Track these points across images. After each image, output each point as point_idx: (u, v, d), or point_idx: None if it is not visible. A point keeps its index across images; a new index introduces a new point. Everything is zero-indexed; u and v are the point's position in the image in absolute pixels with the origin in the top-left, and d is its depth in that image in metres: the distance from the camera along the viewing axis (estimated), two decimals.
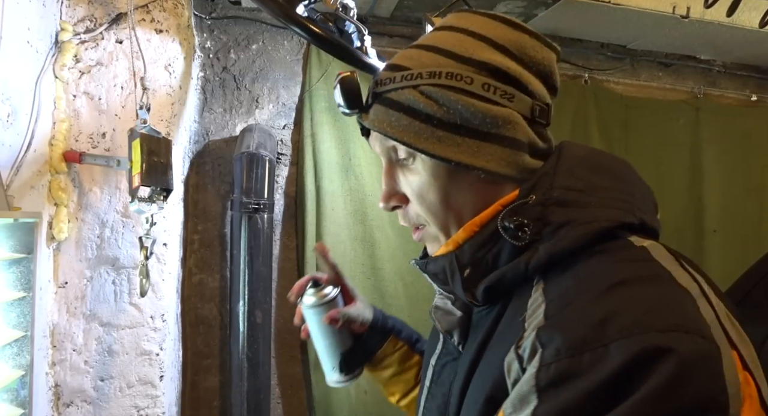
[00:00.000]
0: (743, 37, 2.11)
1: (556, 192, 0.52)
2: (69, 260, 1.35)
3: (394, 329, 0.86)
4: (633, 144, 2.32)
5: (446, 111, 0.54)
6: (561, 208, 0.51)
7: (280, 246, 1.95)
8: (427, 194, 0.58)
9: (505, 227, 0.52)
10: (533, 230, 0.51)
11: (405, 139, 0.56)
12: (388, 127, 0.57)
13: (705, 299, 0.43)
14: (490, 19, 0.59)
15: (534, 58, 0.57)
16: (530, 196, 0.53)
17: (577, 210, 0.51)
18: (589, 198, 0.52)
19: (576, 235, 0.49)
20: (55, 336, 1.33)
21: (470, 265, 0.55)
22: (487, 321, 0.56)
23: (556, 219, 0.51)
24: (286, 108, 1.98)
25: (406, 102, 0.56)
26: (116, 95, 1.38)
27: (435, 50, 0.57)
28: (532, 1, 1.88)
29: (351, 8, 1.30)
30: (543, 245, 0.50)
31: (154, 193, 1.23)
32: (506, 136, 0.55)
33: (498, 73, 0.55)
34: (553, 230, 0.51)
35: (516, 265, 0.52)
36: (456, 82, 0.55)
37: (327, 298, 0.80)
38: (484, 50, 0.56)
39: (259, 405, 1.70)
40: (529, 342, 0.44)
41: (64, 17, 1.34)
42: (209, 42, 1.90)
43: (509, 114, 0.55)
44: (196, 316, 1.85)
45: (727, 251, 2.34)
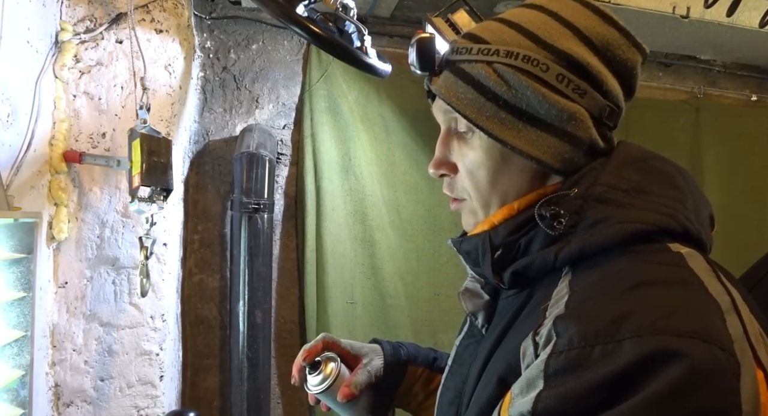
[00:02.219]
0: (743, 37, 2.11)
1: (598, 188, 0.52)
2: (69, 260, 1.35)
3: (409, 358, 0.82)
4: None
5: (514, 94, 0.54)
6: (601, 204, 0.51)
7: (280, 246, 1.95)
8: (477, 170, 0.58)
9: (542, 216, 0.52)
10: (569, 222, 0.51)
11: (468, 113, 0.55)
12: (455, 98, 0.56)
13: (735, 313, 0.42)
14: (583, 7, 0.57)
15: (618, 57, 0.56)
16: (573, 189, 0.53)
17: (617, 209, 0.50)
18: (633, 199, 0.51)
19: (610, 232, 0.49)
20: (55, 336, 1.33)
21: (502, 247, 0.55)
22: (512, 306, 0.56)
23: (593, 215, 0.50)
24: (286, 108, 1.98)
25: (477, 77, 0.55)
26: (116, 95, 1.38)
27: (518, 28, 0.56)
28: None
29: (351, 8, 1.30)
30: (576, 238, 0.50)
31: (154, 193, 1.23)
32: (568, 131, 0.54)
33: (576, 66, 0.54)
34: (588, 225, 0.50)
35: (546, 254, 0.51)
36: (531, 66, 0.53)
37: (331, 378, 0.75)
38: (568, 39, 0.54)
39: (259, 405, 1.70)
40: (546, 330, 0.44)
41: (64, 17, 1.34)
42: (209, 42, 1.90)
43: (577, 110, 0.54)
44: (196, 316, 1.85)
45: (727, 251, 2.32)
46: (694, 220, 0.52)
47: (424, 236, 2.03)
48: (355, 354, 0.80)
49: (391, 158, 2.01)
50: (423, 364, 0.82)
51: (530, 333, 0.46)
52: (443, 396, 0.64)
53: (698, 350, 0.37)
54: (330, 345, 0.80)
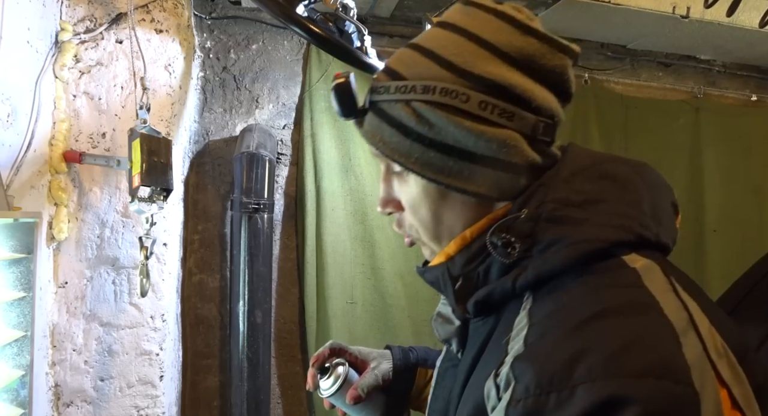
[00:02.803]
0: (743, 37, 2.11)
1: (549, 206, 0.50)
2: (69, 260, 1.35)
3: (419, 360, 0.83)
4: (633, 144, 2.32)
5: (438, 132, 0.52)
6: (553, 224, 0.49)
7: (280, 246, 1.95)
8: (419, 208, 0.57)
9: (494, 244, 0.51)
10: (522, 248, 0.49)
11: (395, 158, 0.54)
12: (381, 142, 0.55)
13: (694, 331, 0.42)
14: (498, 20, 0.53)
15: (544, 67, 0.52)
16: (523, 210, 0.51)
17: (570, 228, 0.48)
18: (586, 213, 0.49)
19: (564, 255, 0.47)
20: (55, 336, 1.33)
21: (461, 277, 0.54)
22: (482, 332, 0.55)
23: (546, 237, 0.49)
24: (286, 108, 1.98)
25: (398, 118, 0.53)
26: (116, 95, 1.38)
27: (432, 57, 0.53)
28: (532, 1, 1.88)
29: (351, 8, 1.30)
30: (531, 263, 0.49)
31: (154, 193, 1.23)
32: (502, 160, 0.51)
33: (498, 90, 0.51)
34: (542, 249, 0.49)
35: (504, 282, 0.50)
36: (451, 99, 0.51)
37: (339, 381, 0.79)
38: (485, 61, 0.51)
39: (259, 405, 1.70)
40: (505, 372, 0.44)
41: (64, 17, 1.34)
42: (209, 42, 1.90)
43: (507, 136, 0.51)
44: (196, 316, 1.85)
45: (727, 251, 2.33)
46: (651, 223, 0.50)
47: None
48: (363, 359, 0.82)
49: None
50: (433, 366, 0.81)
51: (493, 371, 0.46)
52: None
53: (651, 390, 0.36)
54: (338, 351, 0.82)
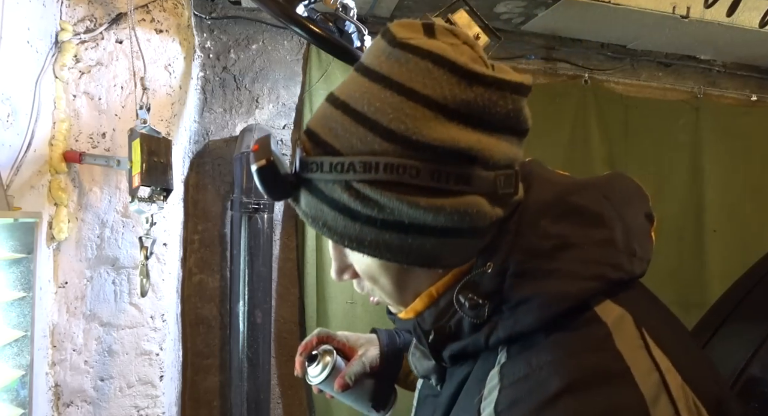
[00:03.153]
0: (743, 37, 2.11)
1: (516, 258, 0.46)
2: (69, 260, 1.35)
3: (406, 344, 0.82)
4: (633, 144, 2.32)
5: (390, 213, 0.45)
6: (521, 279, 0.46)
7: (280, 246, 1.95)
8: (378, 278, 0.52)
9: (461, 303, 0.48)
10: (491, 306, 0.47)
11: (347, 244, 0.48)
12: (325, 227, 0.48)
13: (666, 394, 0.41)
14: (435, 67, 0.44)
15: (497, 115, 0.46)
16: (488, 263, 0.47)
17: (540, 283, 0.45)
18: (556, 263, 0.46)
19: (536, 317, 0.45)
20: (55, 336, 1.33)
21: (433, 332, 0.51)
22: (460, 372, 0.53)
23: (516, 295, 0.46)
24: (286, 108, 1.98)
25: (340, 201, 0.46)
26: (116, 95, 1.38)
27: (368, 124, 0.45)
28: (532, 1, 1.88)
29: (351, 8, 1.30)
30: (502, 321, 0.47)
31: (154, 193, 1.23)
32: (465, 228, 0.46)
33: (451, 155, 0.44)
34: (512, 306, 0.46)
35: (476, 338, 0.48)
36: (398, 176, 0.43)
37: (327, 369, 0.80)
38: (430, 124, 0.44)
39: (259, 405, 1.70)
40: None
41: (64, 17, 1.34)
42: (209, 42, 1.90)
43: (467, 204, 0.45)
44: (196, 316, 1.85)
45: (727, 251, 2.33)
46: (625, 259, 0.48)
47: None
48: (351, 345, 0.83)
49: None
50: None
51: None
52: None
53: None
54: (326, 338, 0.83)
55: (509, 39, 2.10)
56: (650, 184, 2.44)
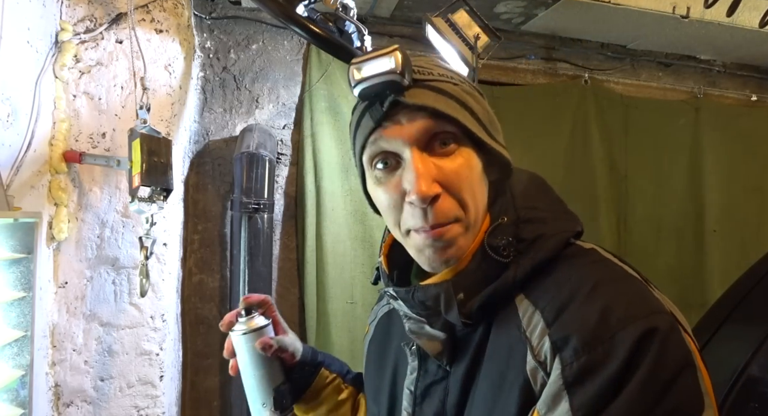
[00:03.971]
0: (743, 37, 2.11)
1: (521, 212, 0.60)
2: (69, 260, 1.35)
3: (324, 362, 0.84)
4: (633, 144, 2.32)
5: (480, 110, 0.60)
6: (529, 225, 0.59)
7: (280, 246, 1.95)
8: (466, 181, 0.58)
9: (493, 246, 0.57)
10: (513, 246, 0.57)
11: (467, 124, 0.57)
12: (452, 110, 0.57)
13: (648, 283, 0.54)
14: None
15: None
16: (501, 218, 0.59)
17: (542, 225, 0.58)
18: (546, 213, 0.60)
19: (549, 247, 0.56)
20: (55, 336, 1.33)
21: (463, 289, 0.57)
22: (473, 338, 0.58)
23: (528, 235, 0.58)
24: (286, 108, 1.98)
25: (454, 93, 0.58)
26: (116, 95, 1.38)
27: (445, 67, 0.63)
28: (532, 1, 1.88)
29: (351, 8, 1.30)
30: (524, 258, 0.56)
31: (154, 193, 1.23)
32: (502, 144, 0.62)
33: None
34: (528, 245, 0.57)
35: (504, 279, 0.56)
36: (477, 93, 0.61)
37: (259, 325, 0.76)
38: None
39: None
40: (547, 348, 0.50)
41: (64, 17, 1.34)
42: (209, 42, 1.90)
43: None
44: (196, 316, 1.85)
45: (727, 251, 2.34)
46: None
47: None
48: (283, 329, 0.82)
49: None
50: (337, 372, 0.84)
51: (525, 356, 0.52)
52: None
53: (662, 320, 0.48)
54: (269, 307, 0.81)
55: (509, 39, 2.10)
56: (650, 184, 2.46)
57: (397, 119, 0.57)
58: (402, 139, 0.57)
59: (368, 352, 0.80)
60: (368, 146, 0.60)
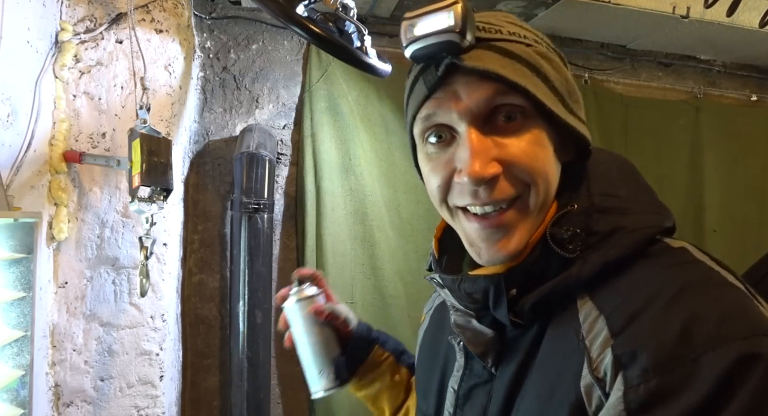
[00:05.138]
0: (743, 37, 2.11)
1: (596, 199, 0.49)
2: (69, 260, 1.35)
3: (379, 339, 0.82)
4: (633, 144, 2.32)
5: (557, 78, 0.50)
6: (604, 215, 0.49)
7: (280, 246, 1.95)
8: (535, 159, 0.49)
9: (556, 237, 0.48)
10: (586, 240, 0.48)
11: (539, 95, 0.48)
12: (520, 78, 0.47)
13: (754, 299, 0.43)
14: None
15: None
16: (571, 204, 0.49)
17: (621, 217, 0.48)
18: (629, 204, 0.50)
19: (627, 243, 0.47)
20: (55, 336, 1.33)
21: (517, 284, 0.50)
22: (524, 340, 0.51)
23: (602, 228, 0.48)
24: (286, 108, 1.98)
25: (525, 56, 0.48)
26: (116, 95, 1.38)
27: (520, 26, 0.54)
28: (532, 1, 1.88)
29: (351, 8, 1.30)
30: (593, 254, 0.47)
31: (154, 193, 1.23)
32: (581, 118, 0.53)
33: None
34: (600, 239, 0.48)
35: (566, 277, 0.47)
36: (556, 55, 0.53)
37: (310, 294, 0.78)
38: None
39: (259, 405, 1.70)
40: (608, 363, 0.41)
41: (64, 17, 1.34)
42: (209, 42, 1.90)
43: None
44: (196, 316, 1.85)
45: (727, 251, 2.33)
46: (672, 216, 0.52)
47: (424, 236, 2.03)
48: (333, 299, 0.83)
49: (391, 158, 2.01)
50: (391, 351, 0.82)
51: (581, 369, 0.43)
52: None
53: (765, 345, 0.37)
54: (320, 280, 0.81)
55: None
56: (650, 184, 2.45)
57: (453, 88, 0.49)
58: (458, 112, 0.49)
59: (422, 343, 0.74)
60: (419, 117, 0.52)
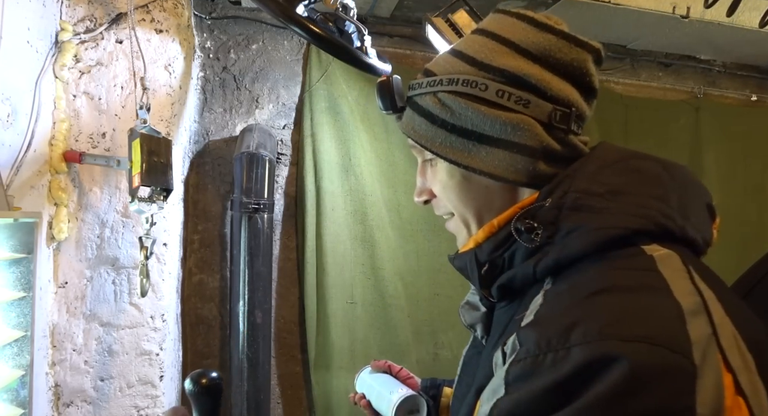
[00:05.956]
0: (743, 37, 2.11)
1: (572, 196, 0.52)
2: (69, 260, 1.35)
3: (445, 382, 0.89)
4: (633, 144, 2.32)
5: (459, 117, 0.57)
6: (575, 212, 0.51)
7: (280, 246, 1.95)
8: (447, 192, 0.62)
9: (518, 229, 0.53)
10: (545, 234, 0.52)
11: (423, 142, 0.60)
12: (411, 130, 0.62)
13: (706, 316, 0.42)
14: (518, 21, 0.59)
15: (561, 60, 0.57)
16: (547, 199, 0.53)
17: (591, 215, 0.50)
18: (608, 203, 0.51)
19: (583, 241, 0.49)
20: (55, 336, 1.33)
21: (488, 263, 0.57)
22: (505, 317, 0.58)
23: (568, 224, 0.51)
24: (286, 108, 1.98)
25: (427, 108, 0.60)
26: (116, 95, 1.38)
27: (460, 56, 0.60)
28: (532, 1, 1.88)
29: (351, 8, 1.30)
30: (552, 248, 0.51)
31: (154, 193, 1.23)
32: (515, 142, 0.55)
33: (515, 80, 0.56)
34: (563, 235, 0.51)
35: (526, 266, 0.53)
36: (471, 89, 0.57)
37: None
38: (504, 55, 0.57)
39: (259, 405, 1.70)
40: (512, 340, 0.47)
41: (64, 17, 1.34)
42: (209, 42, 1.90)
43: (520, 120, 0.55)
44: (196, 316, 1.85)
45: (727, 252, 2.33)
46: (678, 216, 0.51)
47: (424, 236, 2.03)
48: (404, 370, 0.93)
49: (391, 158, 2.01)
50: None
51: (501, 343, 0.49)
52: (454, 405, 0.69)
53: (641, 353, 0.38)
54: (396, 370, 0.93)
55: None
56: None
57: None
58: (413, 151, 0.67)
59: None
60: None
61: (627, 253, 0.49)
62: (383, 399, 0.84)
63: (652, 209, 0.51)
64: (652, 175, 0.55)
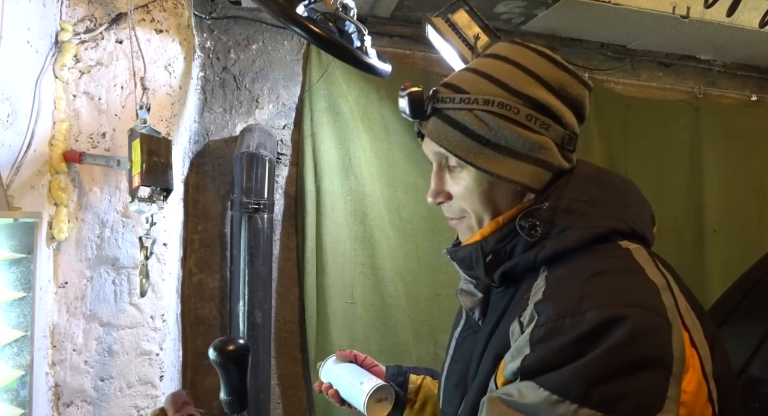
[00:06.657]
0: (743, 37, 2.11)
1: (564, 201, 0.65)
2: (69, 260, 1.35)
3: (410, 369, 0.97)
4: (633, 144, 2.32)
5: (495, 134, 0.67)
6: (567, 214, 0.64)
7: (280, 246, 1.95)
8: (471, 195, 0.71)
9: (522, 226, 0.66)
10: (543, 230, 0.64)
11: (459, 153, 0.68)
12: (445, 140, 0.69)
13: (669, 292, 0.58)
14: (539, 56, 0.70)
15: (571, 94, 0.70)
16: (545, 203, 0.66)
17: (580, 217, 0.64)
18: (592, 208, 0.65)
19: (576, 237, 0.62)
20: (55, 336, 1.33)
21: (492, 253, 0.68)
22: (502, 301, 0.69)
23: (562, 223, 0.64)
24: (286, 108, 1.98)
25: (462, 122, 0.68)
26: (116, 95, 1.38)
27: (490, 79, 0.69)
28: (533, 1, 1.88)
29: (351, 8, 1.30)
30: (549, 242, 0.63)
31: (154, 193, 1.23)
32: (540, 158, 0.67)
33: (540, 107, 0.67)
34: (558, 232, 0.64)
35: (527, 256, 0.65)
36: (506, 111, 0.67)
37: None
38: (531, 85, 0.68)
39: (259, 405, 1.70)
40: (528, 312, 0.58)
41: (64, 17, 1.34)
42: (209, 42, 1.90)
43: (545, 141, 0.67)
44: (196, 316, 1.85)
45: (727, 251, 2.33)
46: (639, 221, 0.66)
47: (424, 236, 2.03)
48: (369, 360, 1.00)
49: (391, 158, 2.01)
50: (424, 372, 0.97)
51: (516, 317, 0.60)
52: (448, 381, 0.78)
53: (638, 315, 0.52)
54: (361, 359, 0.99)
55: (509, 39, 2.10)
56: (650, 184, 2.45)
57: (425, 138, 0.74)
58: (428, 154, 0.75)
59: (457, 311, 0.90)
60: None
61: (609, 247, 0.62)
62: (353, 388, 0.88)
63: (625, 214, 0.66)
64: (620, 189, 0.69)
